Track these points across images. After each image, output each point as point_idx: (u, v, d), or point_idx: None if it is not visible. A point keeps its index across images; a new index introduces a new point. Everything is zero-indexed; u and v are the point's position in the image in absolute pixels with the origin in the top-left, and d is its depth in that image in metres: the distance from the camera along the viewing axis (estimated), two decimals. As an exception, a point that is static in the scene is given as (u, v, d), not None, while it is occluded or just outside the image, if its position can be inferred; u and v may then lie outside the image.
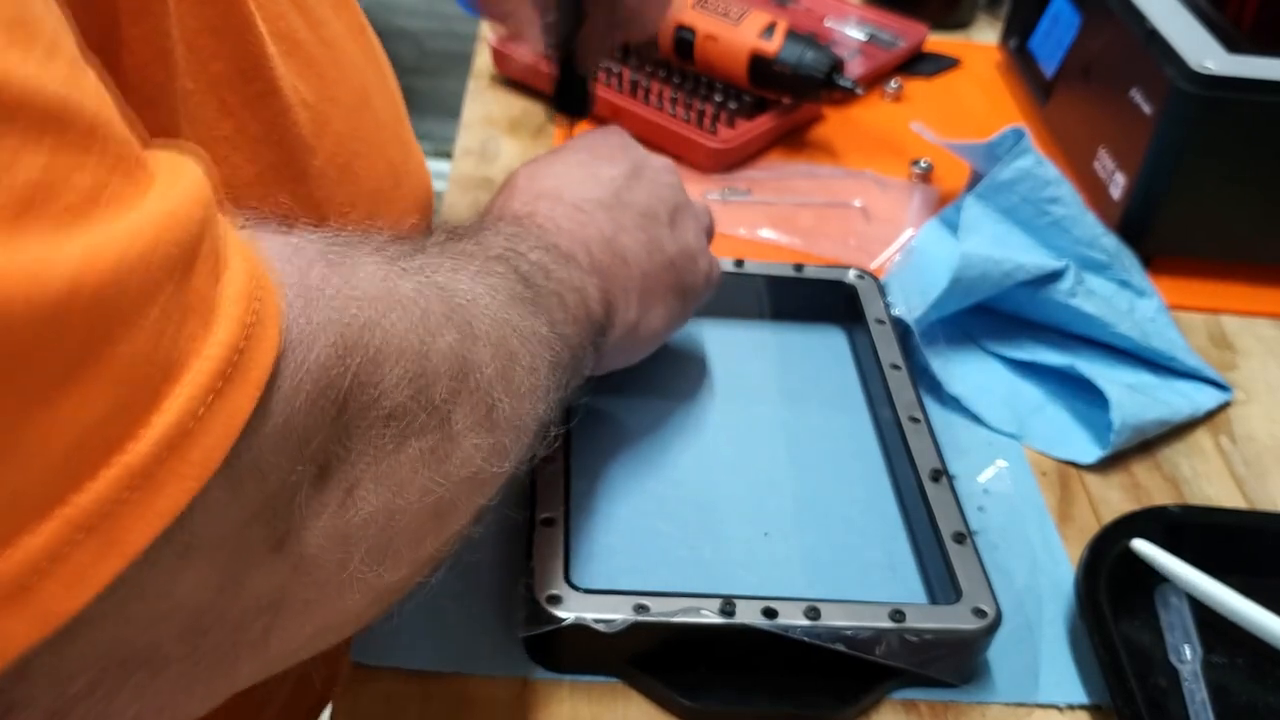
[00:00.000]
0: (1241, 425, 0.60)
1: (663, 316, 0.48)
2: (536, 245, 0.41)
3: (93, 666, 0.23)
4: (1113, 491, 0.55)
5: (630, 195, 0.48)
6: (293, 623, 0.28)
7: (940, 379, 0.58)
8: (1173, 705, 0.44)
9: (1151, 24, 0.70)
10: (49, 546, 0.20)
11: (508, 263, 0.39)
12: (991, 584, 0.45)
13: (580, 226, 0.45)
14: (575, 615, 0.42)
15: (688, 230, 0.50)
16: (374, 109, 0.45)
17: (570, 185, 0.47)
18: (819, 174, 0.78)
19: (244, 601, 0.26)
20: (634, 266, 0.46)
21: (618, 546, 0.48)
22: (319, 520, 0.27)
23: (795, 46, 0.76)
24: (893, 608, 0.43)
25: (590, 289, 0.43)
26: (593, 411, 0.54)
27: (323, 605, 0.29)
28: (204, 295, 0.23)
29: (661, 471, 0.52)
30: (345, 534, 0.28)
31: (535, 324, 0.37)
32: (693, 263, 0.49)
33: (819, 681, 0.43)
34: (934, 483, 0.49)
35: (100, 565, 0.21)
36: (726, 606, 0.42)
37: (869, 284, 0.62)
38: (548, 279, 0.40)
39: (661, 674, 0.43)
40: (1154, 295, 0.64)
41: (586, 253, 0.44)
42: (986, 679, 0.45)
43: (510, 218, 0.44)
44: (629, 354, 0.48)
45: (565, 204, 0.45)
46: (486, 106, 0.82)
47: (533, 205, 0.45)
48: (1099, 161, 0.73)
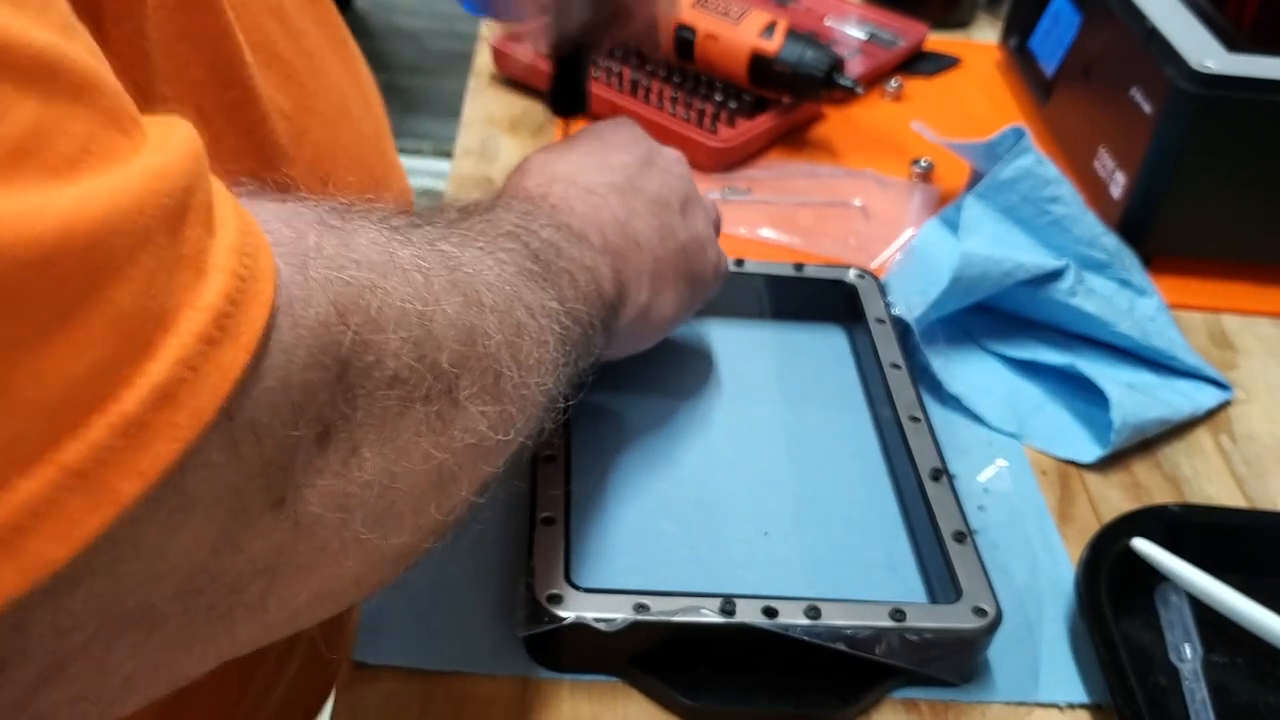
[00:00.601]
0: (1242, 424, 0.60)
1: (673, 302, 0.48)
2: (549, 223, 0.42)
3: (89, 622, 0.23)
4: (1113, 491, 0.55)
5: (642, 182, 0.48)
6: (290, 585, 0.28)
7: (940, 378, 0.58)
8: (1173, 704, 0.44)
9: (1152, 23, 0.69)
10: (42, 491, 0.20)
11: (518, 239, 0.39)
12: (992, 583, 0.45)
13: (594, 209, 0.45)
14: (575, 614, 0.42)
15: (698, 220, 0.50)
16: (354, 120, 0.46)
17: (584, 170, 0.47)
18: (819, 173, 0.78)
19: (241, 562, 0.26)
20: (646, 250, 0.46)
21: (618, 546, 0.48)
22: (319, 481, 0.27)
23: (795, 46, 0.76)
24: (893, 607, 0.43)
25: (603, 269, 0.43)
26: (593, 410, 0.54)
27: (321, 568, 0.29)
28: (197, 247, 0.23)
29: (662, 470, 0.52)
30: (345, 496, 0.28)
31: (544, 298, 0.37)
32: (702, 251, 0.50)
33: (819, 681, 0.43)
34: (934, 482, 0.49)
35: (91, 515, 0.21)
36: (727, 606, 0.42)
37: (869, 283, 0.62)
38: (559, 256, 0.40)
39: (662, 673, 0.43)
40: (1154, 294, 0.64)
41: (600, 234, 0.44)
42: (987, 678, 0.45)
43: (523, 197, 0.44)
44: (639, 339, 0.49)
45: (579, 187, 0.46)
46: (487, 106, 0.82)
47: (546, 187, 0.45)
48: (1099, 161, 0.73)
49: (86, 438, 0.21)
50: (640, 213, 0.47)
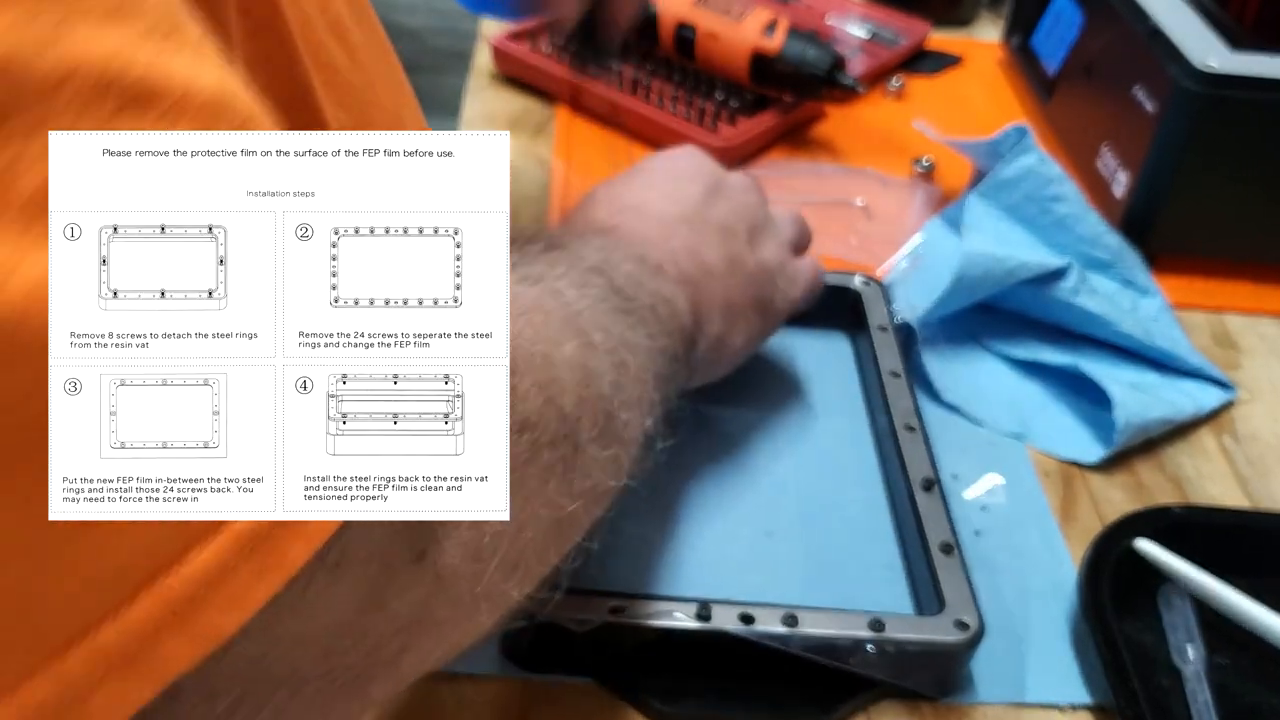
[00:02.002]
0: (1245, 424, 0.60)
1: (744, 332, 0.48)
2: (627, 256, 0.41)
3: (237, 686, 0.23)
4: (1116, 491, 0.55)
5: (710, 212, 0.48)
6: (427, 641, 0.28)
7: (937, 388, 0.58)
8: (1176, 706, 0.44)
9: (1154, 21, 0.69)
10: (217, 561, 0.21)
11: (603, 274, 0.38)
12: (976, 596, 0.44)
13: (664, 240, 0.45)
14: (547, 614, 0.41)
15: (766, 248, 0.50)
16: (404, 124, 0.46)
17: (652, 200, 0.47)
18: (820, 172, 0.77)
19: (383, 621, 0.26)
20: (718, 281, 0.46)
21: (607, 547, 0.48)
22: (456, 533, 0.27)
23: (797, 44, 0.76)
24: (872, 617, 0.43)
25: (679, 300, 0.43)
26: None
27: (456, 623, 0.29)
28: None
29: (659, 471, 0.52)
30: (479, 547, 0.28)
31: (637, 335, 0.37)
32: (771, 280, 0.49)
33: (798, 690, 0.43)
34: (925, 492, 0.49)
35: (260, 583, 0.21)
36: (703, 611, 0.42)
37: (874, 290, 0.61)
38: (640, 290, 0.40)
39: (638, 678, 0.43)
40: (1157, 294, 0.64)
41: (674, 265, 0.44)
42: (988, 678, 0.45)
43: (596, 229, 0.44)
44: (712, 369, 0.48)
45: (649, 218, 0.45)
46: (486, 104, 0.81)
47: (617, 218, 0.45)
48: (1102, 159, 0.73)
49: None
50: (710, 242, 0.46)
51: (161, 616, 0.20)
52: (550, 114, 0.81)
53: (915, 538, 0.48)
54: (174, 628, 0.20)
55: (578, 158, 0.76)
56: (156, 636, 0.20)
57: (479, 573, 0.28)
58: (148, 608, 0.20)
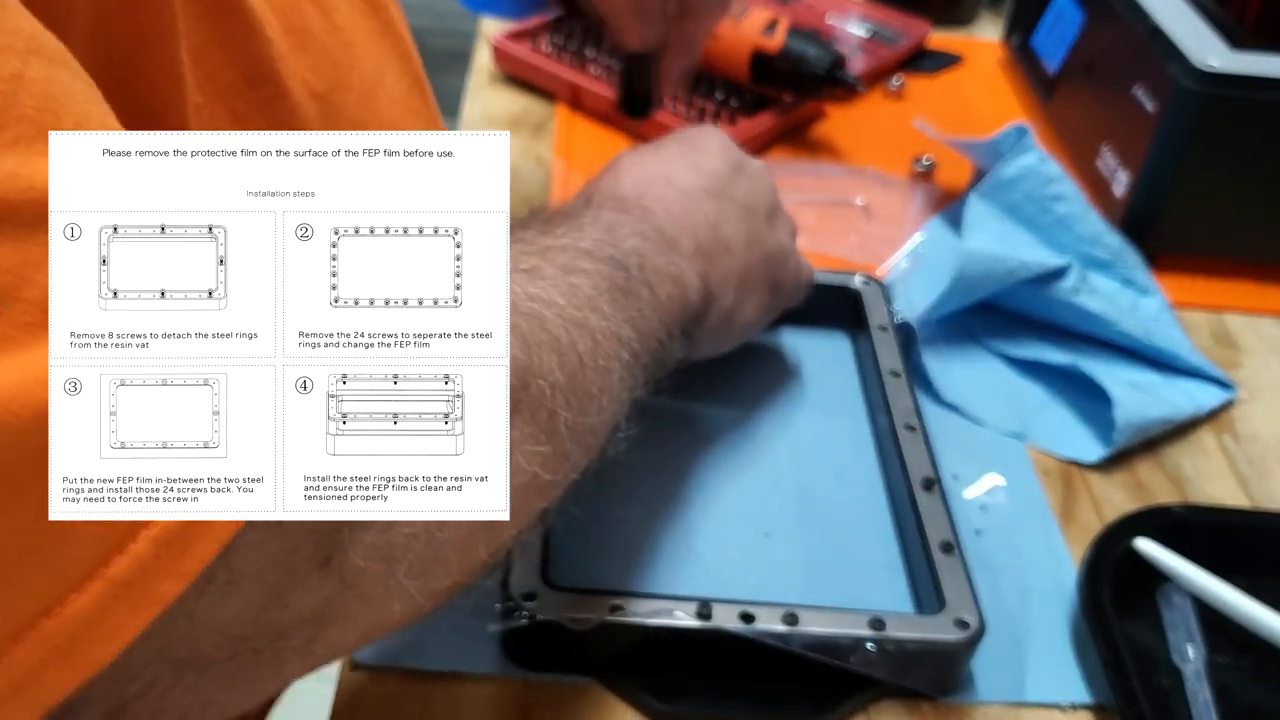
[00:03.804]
0: (1245, 424, 0.60)
1: (756, 307, 0.50)
2: (636, 231, 0.42)
3: (147, 671, 0.25)
4: (1116, 491, 0.55)
5: (733, 189, 0.49)
6: (337, 632, 0.29)
7: (937, 387, 0.58)
8: (1176, 705, 0.44)
9: (1155, 21, 0.69)
10: (131, 567, 0.23)
11: (599, 254, 0.39)
12: (977, 595, 0.44)
13: (686, 213, 0.46)
14: (548, 613, 0.41)
15: (782, 230, 0.52)
16: (387, 87, 0.45)
17: (677, 173, 0.48)
18: (821, 172, 0.77)
19: (289, 616, 0.27)
20: (735, 256, 0.47)
21: (608, 546, 0.48)
22: (365, 538, 0.28)
23: (797, 43, 0.76)
24: (872, 615, 0.43)
25: (690, 275, 0.44)
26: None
27: (367, 615, 0.29)
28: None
29: (659, 471, 0.52)
30: (390, 548, 0.28)
31: (614, 323, 0.38)
32: (785, 260, 0.51)
33: (798, 689, 0.43)
34: (925, 492, 0.49)
35: (135, 617, 0.23)
36: (703, 609, 0.42)
37: (874, 290, 0.61)
38: (641, 268, 0.41)
39: (638, 677, 0.43)
40: (1157, 293, 0.64)
41: (692, 238, 0.45)
42: (988, 678, 0.45)
43: (617, 199, 0.45)
44: (720, 342, 0.50)
45: (674, 189, 0.47)
46: (487, 104, 0.81)
47: (643, 187, 0.46)
48: (1102, 159, 0.73)
49: (157, 525, 0.23)
50: (731, 218, 0.48)
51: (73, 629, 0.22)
52: (550, 114, 0.81)
53: (915, 537, 0.48)
54: (96, 629, 0.23)
55: (578, 158, 0.76)
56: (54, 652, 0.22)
57: (389, 571, 0.29)
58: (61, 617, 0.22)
